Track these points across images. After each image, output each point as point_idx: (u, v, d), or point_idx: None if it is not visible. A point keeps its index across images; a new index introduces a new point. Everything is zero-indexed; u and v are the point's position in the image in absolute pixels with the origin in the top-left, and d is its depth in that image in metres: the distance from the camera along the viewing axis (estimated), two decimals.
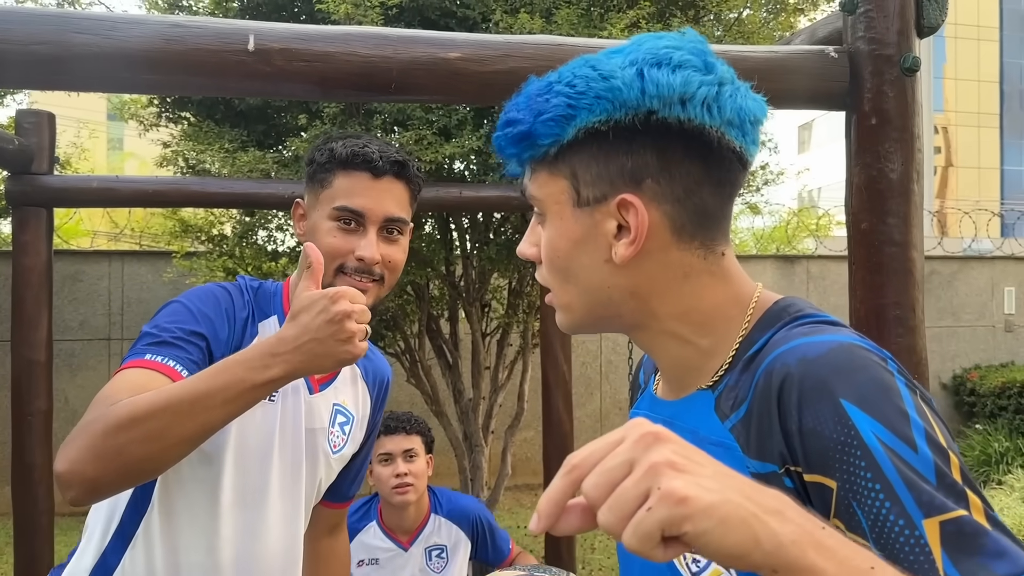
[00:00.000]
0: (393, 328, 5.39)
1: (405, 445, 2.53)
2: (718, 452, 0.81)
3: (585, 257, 0.87)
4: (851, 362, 0.74)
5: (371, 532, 2.58)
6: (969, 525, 0.66)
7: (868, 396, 0.72)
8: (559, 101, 0.83)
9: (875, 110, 1.84)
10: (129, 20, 1.57)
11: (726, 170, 0.85)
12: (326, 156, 1.45)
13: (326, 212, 1.43)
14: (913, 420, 0.71)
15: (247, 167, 4.19)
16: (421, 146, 3.94)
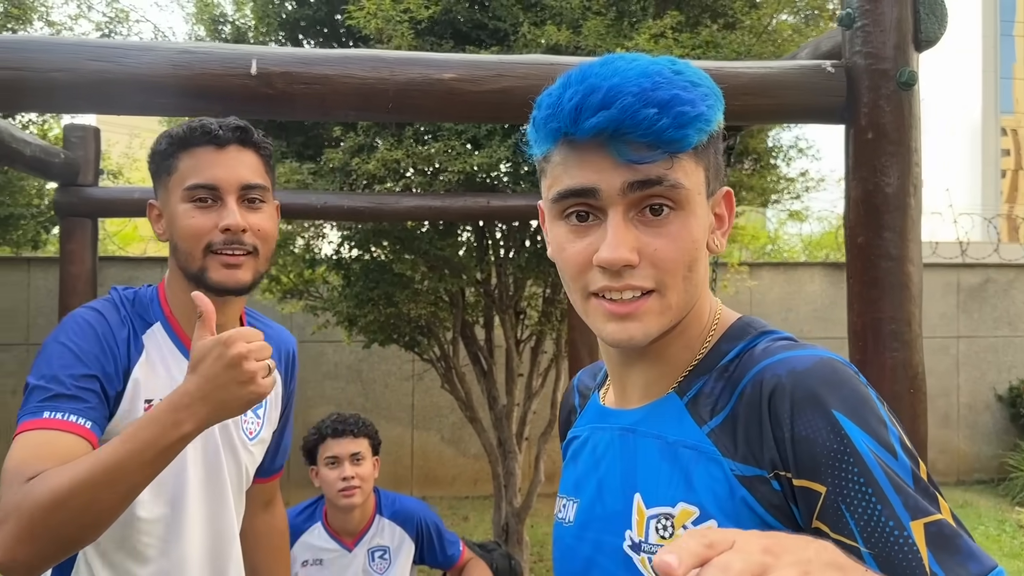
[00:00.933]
0: (428, 334, 5.47)
1: (352, 448, 2.55)
2: (693, 455, 0.85)
3: (703, 246, 0.88)
4: (834, 375, 0.79)
5: (315, 533, 2.61)
6: (947, 527, 0.73)
7: (854, 407, 0.77)
8: (704, 90, 0.86)
9: (871, 124, 1.84)
10: (140, 47, 1.66)
11: None
12: (164, 143, 1.39)
13: (179, 196, 1.37)
14: (890, 429, 0.78)
15: (284, 178, 4.30)
16: (450, 156, 4.01)
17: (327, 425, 2.60)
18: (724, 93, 1.85)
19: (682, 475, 0.85)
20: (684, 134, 0.83)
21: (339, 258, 5.29)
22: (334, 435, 2.56)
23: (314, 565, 2.56)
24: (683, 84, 0.84)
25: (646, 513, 0.87)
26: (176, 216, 1.37)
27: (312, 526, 2.63)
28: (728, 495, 0.81)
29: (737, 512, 0.81)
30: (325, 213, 3.87)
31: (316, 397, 8.46)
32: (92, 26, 5.31)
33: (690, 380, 0.91)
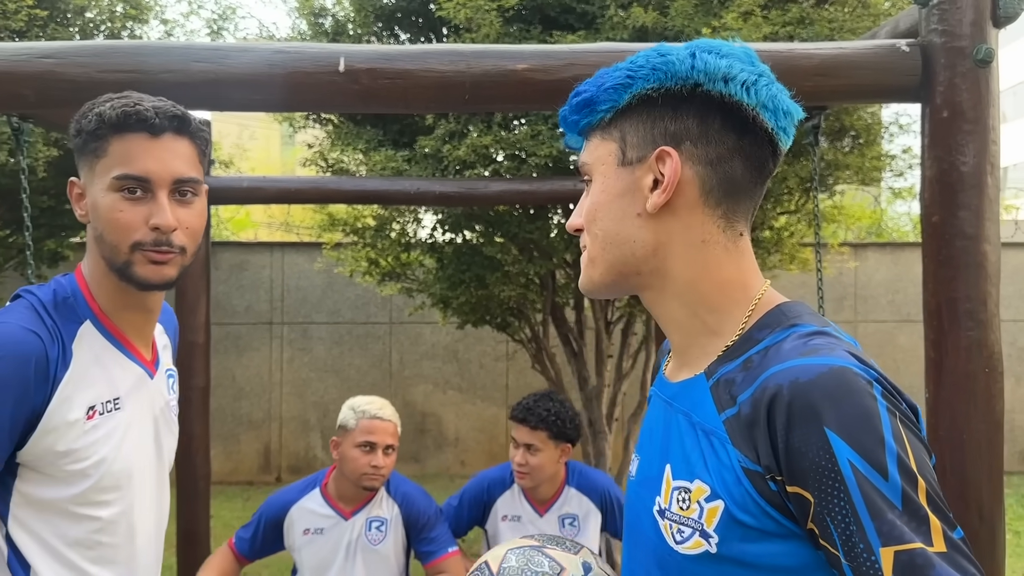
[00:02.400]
0: (519, 316, 5.59)
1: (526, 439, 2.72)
2: (710, 439, 0.90)
3: (619, 210, 0.95)
4: (838, 389, 0.80)
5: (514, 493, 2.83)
6: (921, 557, 0.76)
7: (850, 425, 0.79)
8: (620, 73, 0.95)
9: (947, 103, 1.83)
10: (239, 48, 1.82)
11: (757, 147, 0.94)
12: (94, 122, 1.27)
13: (106, 184, 1.27)
14: (888, 447, 0.79)
15: (380, 165, 4.49)
16: (536, 141, 4.09)
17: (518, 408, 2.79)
18: (795, 74, 1.87)
19: (700, 455, 0.90)
20: (575, 119, 1.00)
21: (433, 241, 5.46)
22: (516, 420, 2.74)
23: (513, 520, 2.79)
24: (595, 77, 0.98)
25: (672, 484, 0.93)
26: (102, 206, 1.27)
27: (509, 489, 2.85)
28: (735, 482, 0.85)
29: (744, 500, 0.85)
30: (418, 199, 4.02)
31: (414, 376, 8.73)
32: (202, 23, 5.62)
33: (718, 364, 0.94)
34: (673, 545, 0.90)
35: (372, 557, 2.64)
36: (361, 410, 2.64)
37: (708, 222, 0.94)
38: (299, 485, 2.78)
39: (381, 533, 2.64)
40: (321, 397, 8.68)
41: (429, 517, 2.69)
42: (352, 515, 2.65)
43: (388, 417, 2.64)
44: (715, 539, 0.86)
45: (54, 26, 4.80)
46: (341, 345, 8.78)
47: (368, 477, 2.58)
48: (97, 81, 1.79)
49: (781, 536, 0.84)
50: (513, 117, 4.31)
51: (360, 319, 8.80)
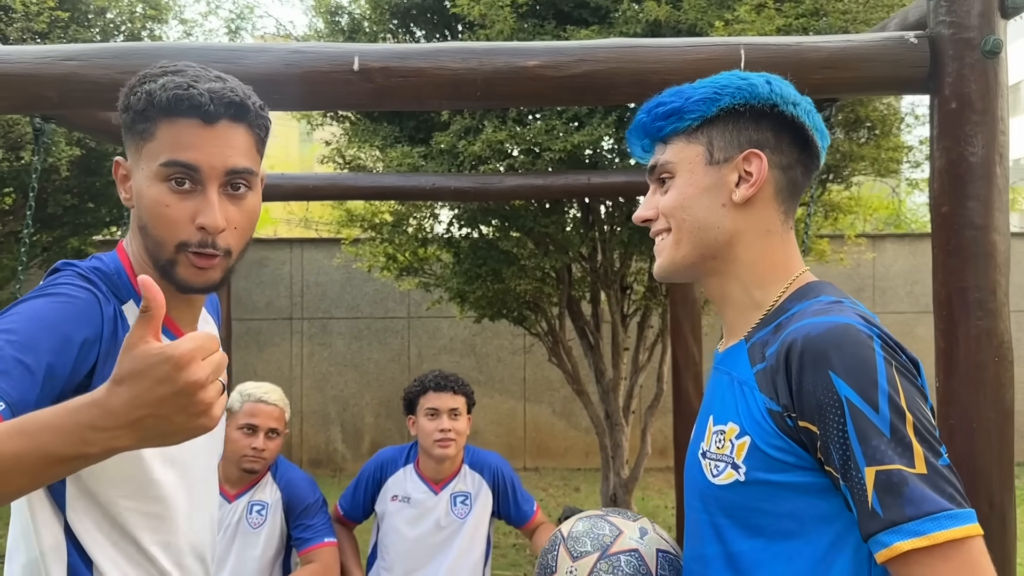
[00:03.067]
0: (535, 310, 5.63)
1: (451, 404, 2.71)
2: (743, 389, 1.11)
3: (708, 200, 1.15)
4: (842, 340, 0.99)
5: (407, 474, 2.80)
6: (897, 476, 0.94)
7: (850, 368, 0.98)
8: (706, 90, 1.15)
9: (955, 94, 1.84)
10: (256, 49, 1.86)
11: (811, 160, 1.18)
12: (143, 102, 1.14)
13: (152, 171, 1.15)
14: (881, 388, 0.97)
15: (396, 161, 4.53)
16: (551, 136, 4.12)
17: (430, 379, 2.75)
18: (804, 67, 1.89)
19: (734, 402, 1.11)
20: (660, 125, 1.18)
21: (449, 236, 5.50)
22: (436, 389, 2.72)
23: (402, 501, 2.77)
24: (674, 92, 1.18)
25: (712, 429, 1.14)
26: (148, 196, 1.16)
27: (403, 468, 2.82)
28: (761, 420, 1.05)
29: (767, 435, 1.05)
30: (434, 194, 4.06)
31: (432, 370, 8.76)
32: (221, 22, 5.68)
33: (755, 330, 1.15)
34: (711, 479, 1.11)
35: (250, 540, 2.64)
36: (247, 393, 2.65)
37: (774, 216, 1.15)
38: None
39: (261, 517, 2.65)
40: (341, 391, 8.76)
41: (309, 504, 2.69)
42: (236, 498, 2.65)
43: (273, 401, 2.64)
44: (743, 469, 1.06)
45: (75, 27, 4.88)
46: (360, 340, 8.86)
47: (248, 459, 2.57)
48: (118, 82, 1.81)
49: (796, 466, 1.03)
50: (528, 112, 4.34)
51: (379, 314, 8.87)
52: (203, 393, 0.86)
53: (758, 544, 1.06)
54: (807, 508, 1.03)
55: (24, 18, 4.50)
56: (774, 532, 1.04)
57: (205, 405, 0.87)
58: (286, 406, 2.70)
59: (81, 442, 0.86)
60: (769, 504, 1.04)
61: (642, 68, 1.88)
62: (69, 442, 0.86)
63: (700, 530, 1.15)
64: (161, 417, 0.86)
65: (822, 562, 1.03)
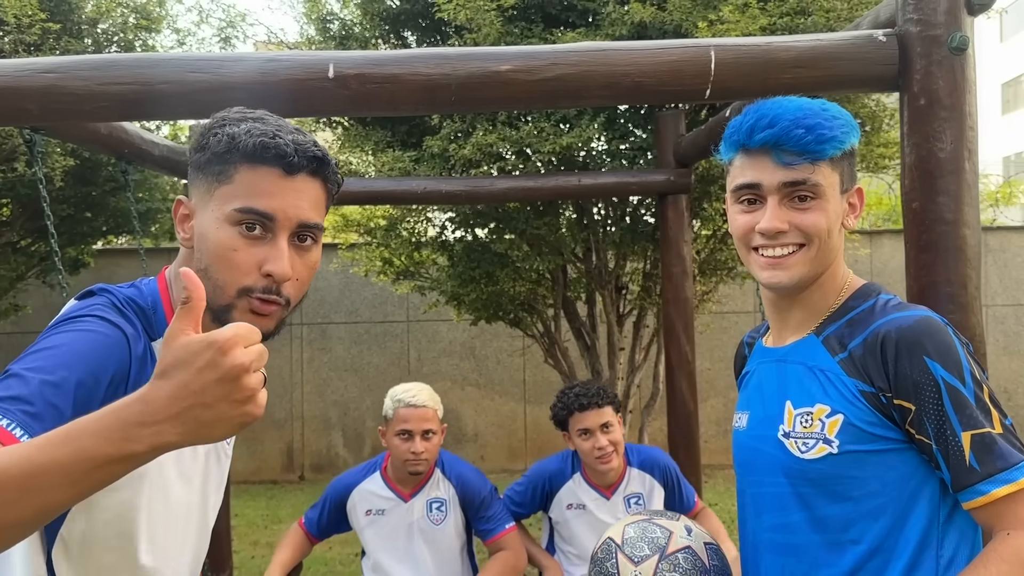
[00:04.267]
0: (530, 311, 5.65)
1: (600, 420, 2.76)
2: (827, 375, 1.30)
3: (837, 224, 1.35)
4: (930, 329, 1.23)
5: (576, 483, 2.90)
6: (988, 437, 1.20)
7: (939, 353, 1.22)
8: (844, 123, 1.33)
9: (924, 91, 1.86)
10: (233, 58, 1.89)
11: None
12: (224, 144, 1.15)
13: (224, 214, 1.14)
14: (964, 366, 1.22)
15: (388, 165, 4.55)
16: (540, 138, 4.14)
17: (573, 399, 2.80)
18: (773, 67, 1.91)
19: (819, 387, 1.31)
20: (822, 148, 1.28)
21: (443, 239, 5.52)
22: (580, 409, 2.76)
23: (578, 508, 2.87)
24: (826, 116, 1.30)
25: (794, 412, 1.33)
26: (216, 238, 1.14)
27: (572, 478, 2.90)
28: (853, 400, 1.26)
29: (860, 413, 1.25)
30: (425, 198, 4.08)
31: (433, 374, 8.81)
32: (213, 31, 5.71)
33: (825, 325, 1.36)
34: (799, 455, 1.30)
35: (435, 536, 2.75)
36: (397, 399, 2.72)
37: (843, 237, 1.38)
38: (361, 468, 2.91)
39: (442, 513, 2.76)
40: (341, 396, 8.79)
41: (484, 496, 2.79)
42: (411, 497, 2.76)
43: (423, 403, 2.70)
44: (836, 443, 1.26)
45: (67, 39, 4.92)
46: (360, 344, 8.88)
47: (410, 463, 2.67)
48: (97, 93, 1.86)
49: (884, 437, 1.24)
50: (518, 115, 4.36)
51: (378, 318, 8.90)
52: (248, 378, 0.85)
53: (847, 507, 1.26)
54: (890, 471, 1.24)
55: (16, 30, 4.54)
56: (862, 494, 1.25)
57: (250, 391, 0.86)
58: (437, 404, 2.77)
59: (126, 440, 0.84)
60: (859, 471, 1.25)
61: (614, 71, 1.90)
62: (114, 441, 0.84)
63: (782, 501, 1.33)
64: (206, 406, 0.85)
65: (903, 514, 1.24)
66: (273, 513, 7.27)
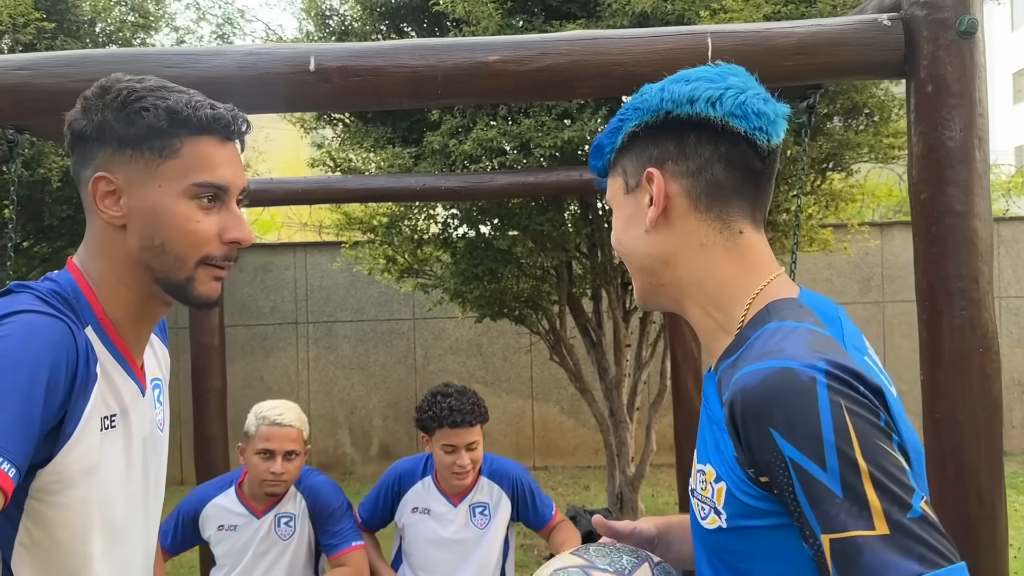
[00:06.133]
0: (535, 308, 5.57)
1: (468, 439, 2.64)
2: (717, 429, 0.99)
3: (632, 231, 1.09)
4: (779, 390, 0.88)
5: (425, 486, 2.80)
6: (852, 545, 0.82)
7: (790, 423, 0.86)
8: (615, 119, 1.10)
9: (931, 77, 1.78)
10: (210, 52, 1.82)
11: (735, 150, 1.03)
12: (165, 118, 1.13)
13: (179, 189, 1.14)
14: (827, 440, 0.85)
15: (387, 162, 4.49)
16: (542, 132, 4.07)
17: (445, 413, 2.63)
18: (773, 54, 1.83)
19: (713, 442, 1.01)
20: (593, 163, 1.14)
21: (446, 236, 5.46)
22: (452, 426, 2.62)
23: (423, 513, 2.77)
24: (609, 122, 1.11)
25: (696, 467, 1.05)
26: (174, 212, 1.13)
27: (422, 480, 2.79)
28: (733, 466, 0.95)
29: (739, 482, 0.95)
30: (425, 195, 4.01)
31: (439, 372, 8.75)
32: (212, 28, 5.66)
33: (720, 361, 1.04)
34: (700, 521, 1.03)
35: (282, 552, 2.65)
36: (261, 416, 2.59)
37: (703, 227, 1.04)
38: (216, 482, 2.81)
39: (290, 528, 2.65)
40: (348, 394, 8.74)
41: (334, 510, 2.67)
42: (263, 513, 2.66)
43: (289, 423, 2.58)
44: (724, 515, 0.97)
45: (63, 38, 4.87)
46: (366, 342, 8.83)
47: (269, 484, 2.57)
48: (72, 91, 1.78)
49: (773, 512, 0.92)
50: (519, 109, 4.29)
51: (384, 316, 8.84)
52: None
53: None
54: (793, 545, 0.91)
55: (12, 29, 4.49)
56: (764, 573, 0.96)
57: None
58: (303, 424, 2.65)
59: None
60: (754, 547, 0.96)
61: (606, 60, 1.83)
62: None
63: (701, 568, 1.07)
64: None
65: None
66: None
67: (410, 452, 8.46)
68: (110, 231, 1.16)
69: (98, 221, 1.16)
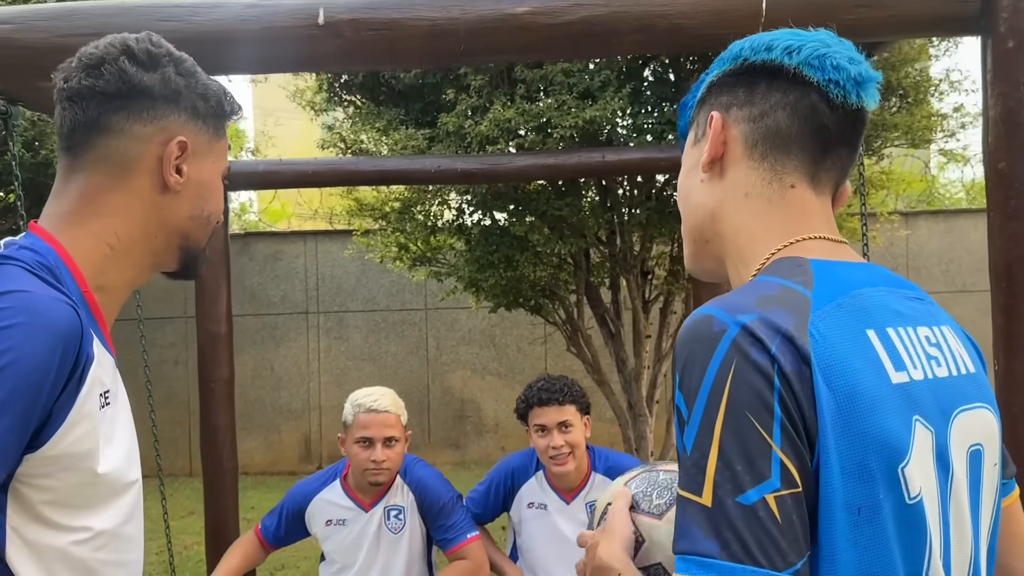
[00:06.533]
0: (551, 297, 5.40)
1: (559, 418, 2.56)
2: None
3: (690, 181, 1.01)
4: (687, 334, 0.82)
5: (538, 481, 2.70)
6: (680, 501, 0.79)
7: (684, 368, 0.81)
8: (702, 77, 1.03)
9: (1012, 31, 1.59)
10: (209, 4, 1.65)
11: (804, 101, 0.93)
12: (222, 104, 1.20)
13: (221, 169, 1.24)
14: (700, 394, 0.78)
15: (401, 144, 4.32)
16: (562, 111, 3.89)
17: (534, 393, 2.61)
18: (833, 7, 1.64)
19: None
20: (679, 127, 1.07)
21: (460, 223, 5.29)
22: (540, 403, 2.58)
23: (539, 508, 2.69)
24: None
25: None
26: (218, 191, 1.21)
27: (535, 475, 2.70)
28: None
29: None
30: (440, 177, 3.83)
31: (452, 362, 8.60)
32: None
33: None
34: None
35: (393, 546, 2.58)
36: (357, 403, 2.53)
37: (752, 175, 0.95)
38: (320, 475, 2.72)
39: (400, 522, 2.58)
40: (359, 385, 8.42)
41: (444, 504, 2.59)
42: (371, 506, 2.59)
43: (385, 408, 2.51)
44: None
45: None
46: (377, 333, 8.69)
47: (371, 472, 2.49)
48: (58, 46, 1.63)
49: None
50: (537, 88, 4.11)
51: (395, 306, 8.69)
52: None
53: None
54: None
55: None
56: None
57: None
58: (400, 409, 2.56)
59: None
60: None
61: (648, 11, 1.64)
62: None
63: None
64: None
65: None
66: None
67: (422, 445, 8.37)
68: (155, 194, 1.12)
69: (144, 182, 1.11)
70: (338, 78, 5.08)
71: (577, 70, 3.97)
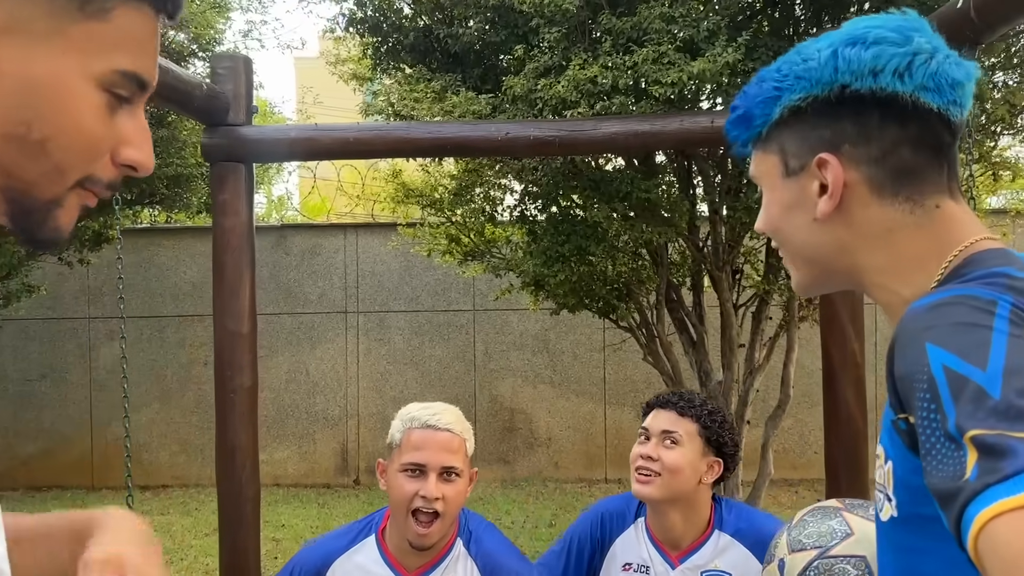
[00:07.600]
0: (627, 298, 4.67)
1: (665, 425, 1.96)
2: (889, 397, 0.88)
3: (796, 219, 0.97)
4: (947, 310, 0.77)
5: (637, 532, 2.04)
6: (1004, 441, 0.69)
7: (950, 333, 0.74)
8: (768, 85, 0.95)
9: None
10: None
11: (926, 130, 0.90)
12: None
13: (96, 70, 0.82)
14: (995, 345, 0.72)
15: (459, 110, 3.64)
16: (660, 64, 3.15)
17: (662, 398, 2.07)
18: None
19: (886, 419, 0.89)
20: (735, 134, 1.00)
21: (523, 209, 4.59)
22: (660, 406, 2.02)
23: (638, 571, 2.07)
24: (752, 87, 0.97)
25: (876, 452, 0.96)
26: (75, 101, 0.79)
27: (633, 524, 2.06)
28: (892, 437, 0.86)
29: (899, 454, 0.84)
30: (507, 147, 3.12)
31: (501, 369, 7.92)
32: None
33: None
34: (879, 513, 0.94)
35: None
36: (410, 417, 1.83)
37: (889, 212, 0.92)
38: (346, 531, 1.96)
39: None
40: (400, 392, 7.94)
41: None
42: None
43: (447, 426, 1.81)
44: (894, 501, 0.88)
45: None
46: (421, 335, 8.05)
47: (418, 523, 1.76)
48: None
49: None
50: (628, 40, 3.37)
51: (440, 306, 8.04)
52: None
53: None
54: None
55: None
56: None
57: None
58: (467, 433, 1.86)
59: None
60: (925, 541, 0.83)
61: None
62: None
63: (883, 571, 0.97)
64: None
65: None
66: (324, 523, 6.51)
67: None
68: None
69: None
70: (385, 41, 4.42)
71: (679, 15, 3.22)
